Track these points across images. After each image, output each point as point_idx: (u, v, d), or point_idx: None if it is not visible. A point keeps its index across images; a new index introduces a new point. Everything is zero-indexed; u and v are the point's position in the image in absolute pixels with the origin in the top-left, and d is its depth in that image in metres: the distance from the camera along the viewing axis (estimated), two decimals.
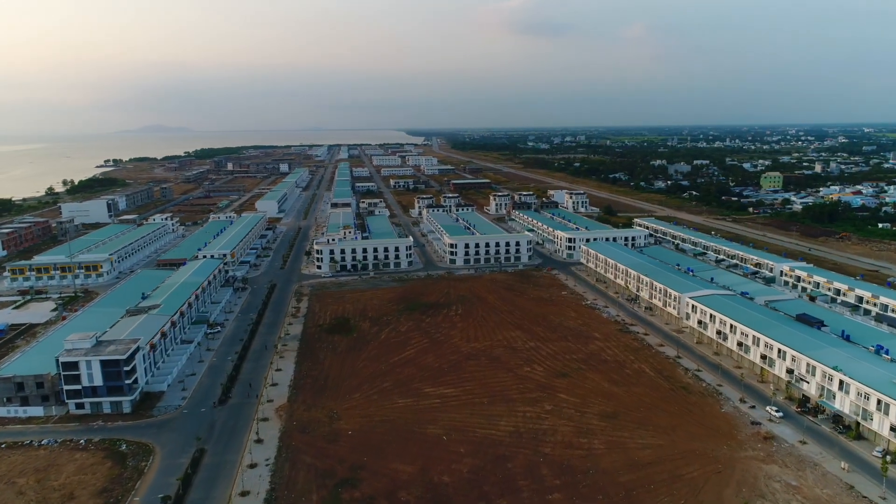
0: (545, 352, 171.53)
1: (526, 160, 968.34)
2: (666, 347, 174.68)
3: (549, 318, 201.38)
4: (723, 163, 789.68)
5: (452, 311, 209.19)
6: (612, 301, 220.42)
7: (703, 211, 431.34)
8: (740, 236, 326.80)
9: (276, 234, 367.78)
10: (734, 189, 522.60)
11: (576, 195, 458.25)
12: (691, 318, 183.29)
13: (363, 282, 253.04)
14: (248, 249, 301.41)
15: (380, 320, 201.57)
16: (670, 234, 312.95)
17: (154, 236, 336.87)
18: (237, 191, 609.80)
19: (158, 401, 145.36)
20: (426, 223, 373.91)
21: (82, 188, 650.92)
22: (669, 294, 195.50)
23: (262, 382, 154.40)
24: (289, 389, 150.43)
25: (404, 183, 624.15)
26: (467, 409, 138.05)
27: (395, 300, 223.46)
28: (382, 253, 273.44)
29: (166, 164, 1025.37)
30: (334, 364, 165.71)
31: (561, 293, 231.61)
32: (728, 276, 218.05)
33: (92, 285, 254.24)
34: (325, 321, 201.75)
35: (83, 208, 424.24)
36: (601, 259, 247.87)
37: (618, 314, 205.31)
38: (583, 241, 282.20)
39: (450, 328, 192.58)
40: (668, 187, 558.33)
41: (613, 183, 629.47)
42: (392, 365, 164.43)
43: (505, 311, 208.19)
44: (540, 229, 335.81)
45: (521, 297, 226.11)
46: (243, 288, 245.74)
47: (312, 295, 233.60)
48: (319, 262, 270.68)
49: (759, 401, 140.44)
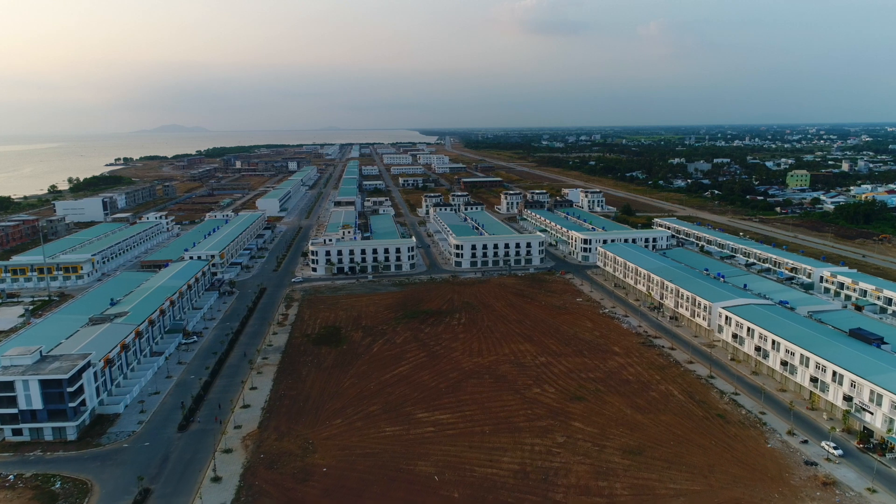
0: (557, 369, 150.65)
1: (540, 159, 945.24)
2: (696, 365, 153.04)
3: (563, 328, 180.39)
4: (744, 161, 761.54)
5: (455, 320, 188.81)
6: (633, 309, 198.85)
7: (727, 210, 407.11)
8: (770, 238, 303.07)
9: (274, 233, 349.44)
10: (759, 188, 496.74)
11: (591, 194, 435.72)
12: (724, 331, 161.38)
13: (360, 286, 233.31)
14: (240, 250, 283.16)
15: (374, 330, 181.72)
16: (694, 236, 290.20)
17: (146, 235, 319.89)
18: (242, 189, 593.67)
19: (111, 425, 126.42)
20: (433, 223, 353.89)
21: (86, 186, 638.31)
22: (698, 303, 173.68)
23: (233, 403, 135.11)
24: (261, 412, 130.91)
25: (413, 181, 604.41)
26: (465, 440, 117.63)
27: (392, 307, 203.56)
28: (382, 255, 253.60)
29: (175, 162, 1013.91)
30: (317, 382, 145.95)
31: (576, 300, 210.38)
32: (763, 283, 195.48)
33: (71, 288, 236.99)
34: (314, 330, 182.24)
35: (78, 206, 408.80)
36: (620, 262, 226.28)
37: (639, 325, 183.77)
38: (599, 242, 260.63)
39: (451, 340, 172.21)
40: (689, 186, 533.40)
41: (630, 181, 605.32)
42: (383, 383, 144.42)
43: (513, 321, 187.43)
44: (553, 229, 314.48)
45: (531, 304, 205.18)
46: (230, 292, 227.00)
47: (304, 300, 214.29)
48: (315, 264, 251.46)
49: (812, 433, 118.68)
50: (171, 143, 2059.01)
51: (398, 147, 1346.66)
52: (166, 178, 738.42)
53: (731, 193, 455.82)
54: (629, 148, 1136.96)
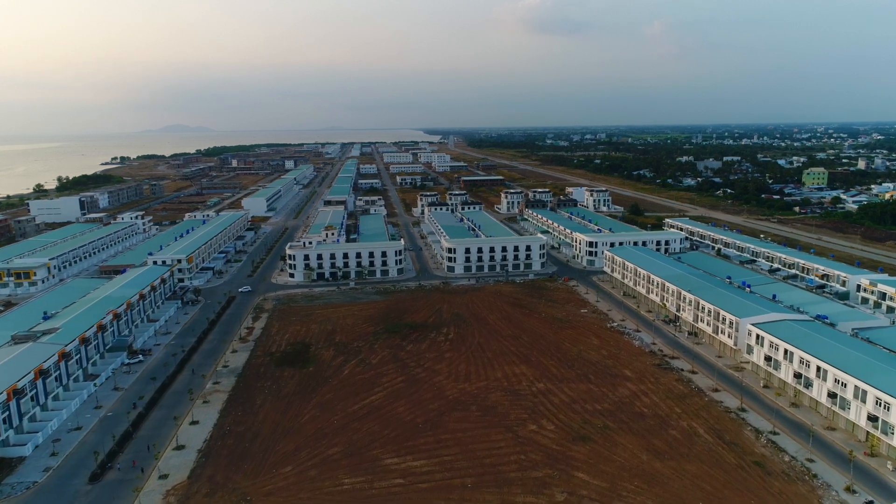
0: (558, 398, 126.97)
1: (543, 157, 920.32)
2: (723, 394, 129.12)
3: (565, 346, 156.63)
4: (755, 159, 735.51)
5: (442, 336, 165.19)
6: (645, 323, 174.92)
7: (742, 210, 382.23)
8: (791, 240, 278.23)
9: (257, 234, 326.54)
10: (773, 186, 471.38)
11: (597, 193, 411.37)
12: (755, 352, 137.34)
13: (340, 294, 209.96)
14: (215, 253, 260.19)
15: (348, 347, 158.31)
16: (709, 238, 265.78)
17: (118, 237, 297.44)
18: (233, 188, 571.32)
19: (10, 473, 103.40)
20: (427, 223, 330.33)
21: (73, 185, 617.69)
22: (723, 318, 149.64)
23: (166, 443, 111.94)
24: (197, 456, 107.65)
25: (411, 180, 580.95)
26: (441, 496, 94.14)
27: (373, 319, 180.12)
28: (367, 259, 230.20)
29: (171, 161, 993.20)
30: (272, 414, 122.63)
31: (580, 311, 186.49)
32: (793, 293, 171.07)
33: (21, 296, 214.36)
34: (280, 348, 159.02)
35: (53, 206, 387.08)
36: (629, 268, 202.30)
37: (653, 342, 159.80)
38: (606, 245, 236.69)
39: (435, 360, 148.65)
40: (699, 184, 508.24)
41: (638, 180, 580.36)
42: (349, 416, 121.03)
43: (508, 337, 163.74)
44: (556, 231, 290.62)
45: (529, 316, 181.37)
46: (195, 301, 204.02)
47: (275, 311, 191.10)
48: (292, 269, 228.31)
49: (877, 489, 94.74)
50: (174, 143, 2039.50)
51: (400, 146, 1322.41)
52: (159, 177, 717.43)
53: (745, 192, 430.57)
54: (635, 146, 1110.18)
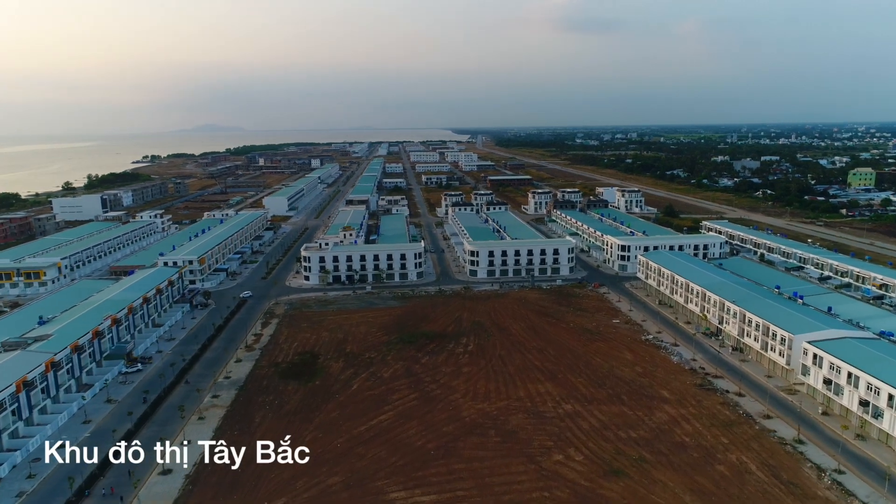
0: (587, 423, 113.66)
1: (573, 156, 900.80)
2: (775, 421, 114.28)
3: (595, 361, 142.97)
4: (794, 159, 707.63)
5: (461, 347, 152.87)
6: (684, 336, 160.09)
7: (784, 212, 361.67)
8: (840, 245, 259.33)
9: (276, 234, 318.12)
10: (817, 187, 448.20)
11: (629, 193, 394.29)
12: (811, 374, 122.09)
13: (356, 299, 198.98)
14: (230, 254, 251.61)
15: (359, 359, 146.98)
16: (751, 242, 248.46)
17: (135, 236, 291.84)
18: (257, 187, 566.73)
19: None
20: (451, 224, 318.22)
21: (101, 183, 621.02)
22: (773, 333, 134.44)
23: (151, 466, 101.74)
24: (184, 482, 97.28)
25: (437, 179, 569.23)
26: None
27: (388, 327, 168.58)
28: (385, 261, 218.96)
29: (200, 159, 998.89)
30: (269, 435, 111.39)
31: (611, 322, 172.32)
32: (851, 305, 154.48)
33: (31, 296, 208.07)
34: (287, 357, 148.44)
35: (76, 204, 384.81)
36: (665, 275, 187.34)
37: (693, 357, 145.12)
38: (640, 249, 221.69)
39: (452, 375, 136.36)
40: (736, 185, 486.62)
41: (671, 180, 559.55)
42: (354, 439, 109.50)
43: (533, 349, 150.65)
44: (585, 233, 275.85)
45: (556, 326, 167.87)
46: (204, 304, 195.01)
47: (285, 316, 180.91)
48: (307, 272, 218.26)
49: None
50: (205, 142, 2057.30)
51: (427, 145, 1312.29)
52: (186, 175, 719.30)
53: (786, 193, 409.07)
54: (668, 146, 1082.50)
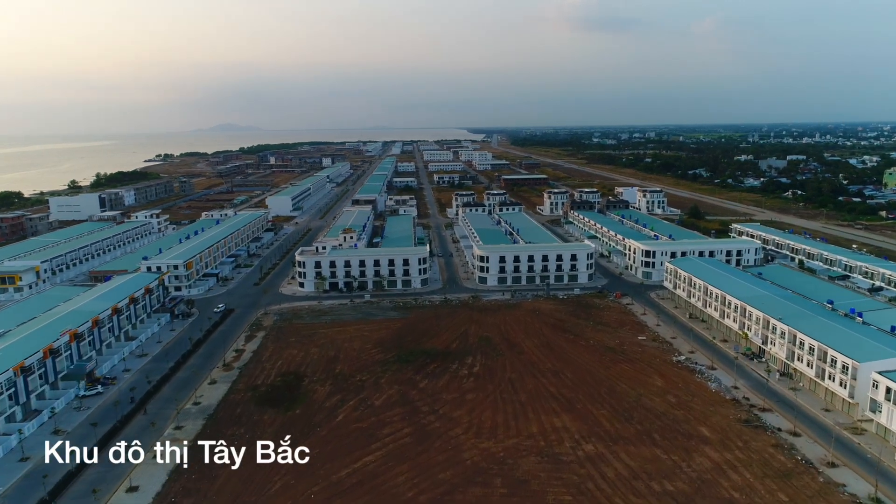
0: (613, 471, 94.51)
1: (590, 156, 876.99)
2: (843, 470, 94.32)
3: (620, 387, 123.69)
4: (822, 159, 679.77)
5: (466, 369, 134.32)
6: (721, 357, 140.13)
7: (818, 214, 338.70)
8: (887, 251, 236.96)
9: (276, 236, 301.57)
10: (850, 188, 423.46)
11: (650, 193, 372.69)
12: (883, 412, 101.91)
13: (352, 309, 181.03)
14: (223, 257, 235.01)
15: (349, 381, 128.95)
16: (788, 247, 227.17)
17: (129, 237, 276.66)
18: (265, 186, 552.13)
19: None
20: (461, 226, 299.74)
21: (109, 182, 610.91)
22: (832, 359, 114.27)
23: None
24: None
25: (449, 178, 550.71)
26: None
27: (385, 343, 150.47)
28: (386, 267, 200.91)
29: (211, 158, 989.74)
30: (231, 481, 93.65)
31: (637, 338, 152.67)
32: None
33: (5, 303, 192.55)
34: (268, 379, 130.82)
35: (73, 203, 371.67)
36: (697, 285, 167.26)
37: (734, 384, 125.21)
38: (667, 255, 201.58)
39: (454, 404, 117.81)
40: (763, 185, 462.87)
41: (694, 180, 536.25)
42: (331, 488, 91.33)
43: (548, 372, 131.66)
44: (605, 236, 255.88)
45: (574, 343, 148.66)
46: (187, 314, 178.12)
47: (273, 329, 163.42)
48: (302, 278, 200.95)
49: None
50: (222, 141, 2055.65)
51: (442, 144, 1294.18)
52: (196, 174, 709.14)
53: (818, 194, 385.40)
54: (687, 145, 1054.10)
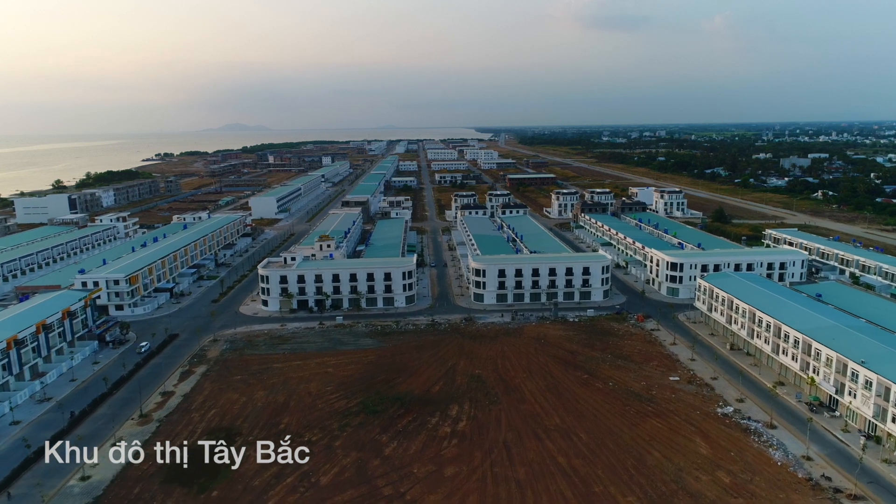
0: None
1: (600, 154, 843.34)
2: None
3: (651, 456, 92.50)
4: (845, 157, 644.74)
5: (448, 424, 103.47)
6: (779, 407, 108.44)
7: (856, 217, 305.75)
8: None
9: (254, 242, 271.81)
10: (885, 188, 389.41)
11: (669, 194, 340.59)
12: None
13: (320, 334, 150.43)
14: (184, 268, 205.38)
15: (294, 443, 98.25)
16: (836, 257, 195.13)
17: (88, 243, 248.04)
18: (257, 186, 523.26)
19: None
20: (459, 230, 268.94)
21: (97, 181, 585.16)
22: None
23: None
24: None
25: (451, 178, 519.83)
26: None
27: (351, 383, 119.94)
28: (365, 282, 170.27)
29: (210, 158, 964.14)
30: None
31: (668, 379, 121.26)
32: None
33: None
34: (192, 437, 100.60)
35: (40, 204, 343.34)
36: (740, 309, 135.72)
37: (805, 453, 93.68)
38: (696, 268, 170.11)
39: (429, 483, 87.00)
40: (789, 185, 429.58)
41: (712, 179, 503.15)
42: None
43: (555, 430, 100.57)
44: (622, 243, 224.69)
45: (589, 387, 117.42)
46: (121, 342, 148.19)
47: (217, 362, 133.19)
48: (265, 294, 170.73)
49: None
50: (228, 140, 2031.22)
51: (447, 143, 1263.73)
52: (191, 173, 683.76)
53: (853, 195, 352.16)
54: (700, 144, 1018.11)
